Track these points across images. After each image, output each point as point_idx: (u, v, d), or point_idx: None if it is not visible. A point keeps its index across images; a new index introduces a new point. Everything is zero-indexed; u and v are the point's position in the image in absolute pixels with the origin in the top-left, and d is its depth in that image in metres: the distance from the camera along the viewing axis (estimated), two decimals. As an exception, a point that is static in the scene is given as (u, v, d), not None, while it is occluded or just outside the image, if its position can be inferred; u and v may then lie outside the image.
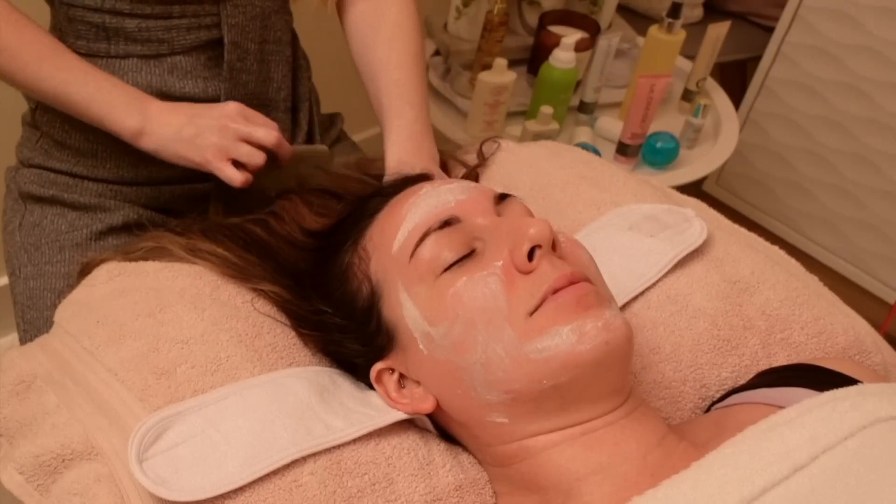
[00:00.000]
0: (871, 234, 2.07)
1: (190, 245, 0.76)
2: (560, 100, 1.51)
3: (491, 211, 0.67)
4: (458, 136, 1.53)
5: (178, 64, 0.90)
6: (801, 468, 0.52)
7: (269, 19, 0.95)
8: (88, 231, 0.94)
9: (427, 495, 0.63)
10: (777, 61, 2.05)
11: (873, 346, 0.79)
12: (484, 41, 1.54)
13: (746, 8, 2.14)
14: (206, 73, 0.92)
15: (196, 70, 0.91)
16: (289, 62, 1.01)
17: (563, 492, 0.61)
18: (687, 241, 0.80)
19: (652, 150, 1.54)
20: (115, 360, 0.66)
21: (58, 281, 0.92)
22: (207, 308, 0.70)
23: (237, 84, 0.94)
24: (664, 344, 0.76)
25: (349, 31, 0.99)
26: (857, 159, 2.01)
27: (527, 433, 0.62)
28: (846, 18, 1.90)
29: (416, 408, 0.65)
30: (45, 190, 0.95)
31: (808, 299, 0.79)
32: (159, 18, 0.87)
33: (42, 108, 0.94)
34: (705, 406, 0.75)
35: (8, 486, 0.63)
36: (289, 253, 0.77)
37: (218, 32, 0.91)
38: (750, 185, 2.25)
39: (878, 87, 1.91)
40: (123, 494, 0.59)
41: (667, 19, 1.57)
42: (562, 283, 0.60)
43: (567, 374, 0.59)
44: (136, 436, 0.59)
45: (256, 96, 0.84)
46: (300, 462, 0.60)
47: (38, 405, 0.66)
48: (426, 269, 0.63)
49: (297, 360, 0.70)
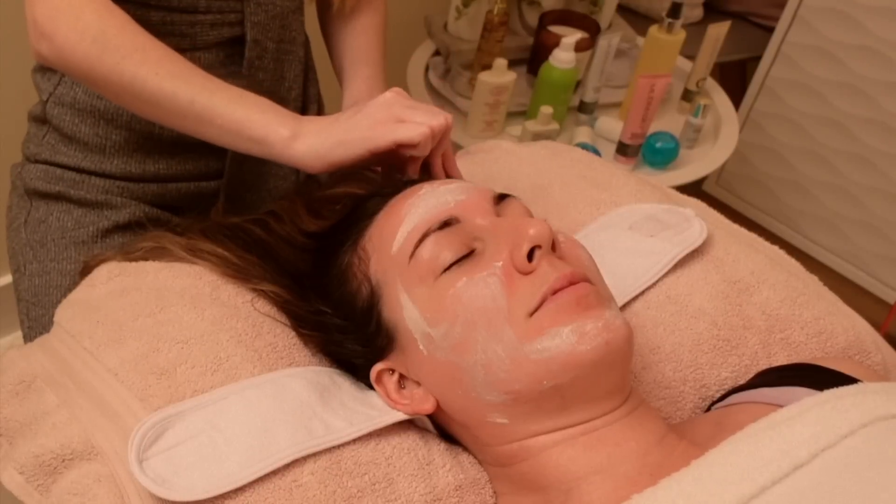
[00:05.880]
0: (871, 234, 2.07)
1: (190, 245, 0.76)
2: (560, 100, 1.52)
3: (490, 211, 0.67)
4: (458, 136, 1.53)
5: (198, 59, 0.90)
6: (802, 466, 0.52)
7: (287, 19, 0.96)
8: (94, 228, 0.94)
9: (427, 495, 0.63)
10: (777, 61, 2.05)
11: (873, 346, 0.79)
12: (484, 41, 1.54)
13: (746, 8, 2.14)
14: (223, 70, 0.92)
15: (214, 67, 0.91)
16: (301, 62, 1.02)
17: (563, 491, 0.61)
18: (687, 241, 0.80)
19: (652, 150, 1.55)
20: (116, 360, 0.66)
21: (63, 278, 0.92)
22: (207, 308, 0.70)
23: (253, 82, 0.94)
24: (664, 344, 0.76)
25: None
26: (857, 159, 2.01)
27: (527, 433, 0.62)
28: (846, 18, 1.90)
29: (416, 408, 0.65)
30: (51, 186, 0.95)
31: (808, 299, 0.79)
32: (184, 12, 0.87)
33: (54, 101, 0.94)
34: (705, 406, 0.75)
35: (8, 486, 0.63)
36: (289, 253, 0.77)
37: (240, 30, 0.92)
38: (750, 185, 2.25)
39: (878, 87, 1.91)
40: (123, 494, 0.59)
41: (667, 19, 1.57)
42: (562, 283, 0.60)
43: (567, 374, 0.59)
44: (136, 436, 0.59)
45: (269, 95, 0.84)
46: (300, 462, 0.60)
47: (38, 405, 0.66)
48: (426, 270, 0.63)
49: (297, 360, 0.70)
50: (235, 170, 0.98)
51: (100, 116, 0.92)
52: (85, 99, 0.92)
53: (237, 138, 0.79)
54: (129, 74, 0.77)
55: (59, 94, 0.93)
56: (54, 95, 0.94)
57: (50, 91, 0.94)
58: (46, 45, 0.79)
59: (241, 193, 1.00)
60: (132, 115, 0.92)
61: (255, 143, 0.78)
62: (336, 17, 1.04)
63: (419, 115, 0.74)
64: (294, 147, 0.77)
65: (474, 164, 0.96)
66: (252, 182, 1.00)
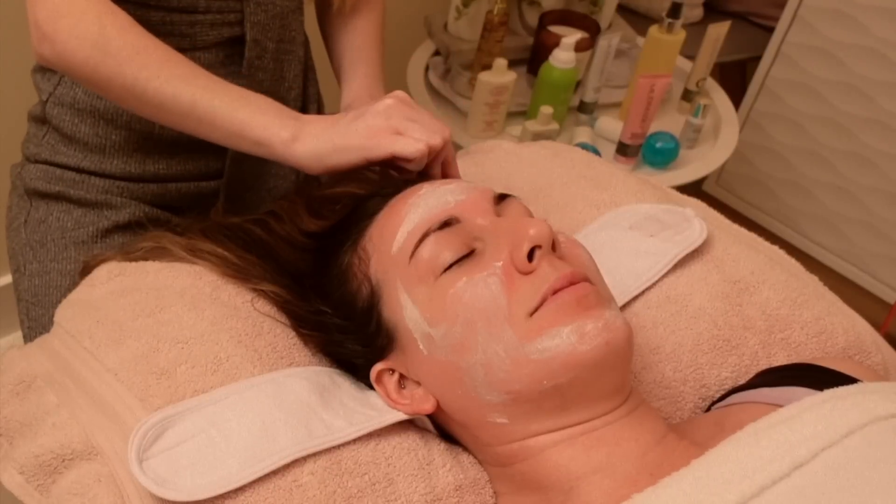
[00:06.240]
0: (871, 234, 2.07)
1: (190, 245, 0.76)
2: (560, 100, 1.52)
3: (490, 211, 0.67)
4: (458, 137, 1.53)
5: (198, 59, 0.90)
6: (801, 466, 0.52)
7: (286, 19, 0.96)
8: (94, 228, 0.94)
9: (427, 495, 0.63)
10: (777, 61, 2.05)
11: (873, 346, 0.79)
12: (484, 41, 1.54)
13: (746, 8, 2.14)
14: (223, 70, 0.92)
15: (214, 67, 0.91)
16: (301, 62, 1.02)
17: (563, 491, 0.61)
18: (687, 241, 0.80)
19: (652, 150, 1.55)
20: (116, 360, 0.66)
21: (63, 278, 0.92)
22: (207, 308, 0.70)
23: (253, 82, 0.94)
24: (664, 344, 0.76)
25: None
26: (857, 159, 2.02)
27: (527, 433, 0.62)
28: (846, 18, 1.90)
29: (416, 408, 0.65)
30: (51, 186, 0.95)
31: (808, 299, 0.79)
32: (184, 13, 0.88)
33: (54, 101, 0.94)
34: (705, 406, 0.75)
35: (8, 486, 0.63)
36: (289, 253, 0.77)
37: (240, 29, 0.92)
38: (750, 185, 2.25)
39: (878, 87, 1.91)
40: (123, 494, 0.59)
41: (667, 19, 1.57)
42: (562, 283, 0.60)
43: (567, 374, 0.59)
44: (136, 436, 0.59)
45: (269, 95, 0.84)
46: (300, 462, 0.60)
47: (38, 405, 0.66)
48: (426, 270, 0.63)
49: (297, 360, 0.70)
50: (235, 170, 0.98)
51: (99, 116, 0.92)
52: (85, 99, 0.92)
53: (239, 140, 0.79)
54: (130, 78, 0.77)
55: (59, 94, 0.93)
56: (54, 95, 0.94)
57: (50, 91, 0.94)
58: (48, 47, 0.79)
59: (241, 193, 1.00)
60: (132, 115, 0.92)
61: (256, 144, 0.79)
62: (335, 17, 1.04)
63: (417, 131, 0.75)
64: (294, 149, 0.77)
65: (474, 164, 0.96)
66: (252, 182, 1.00)
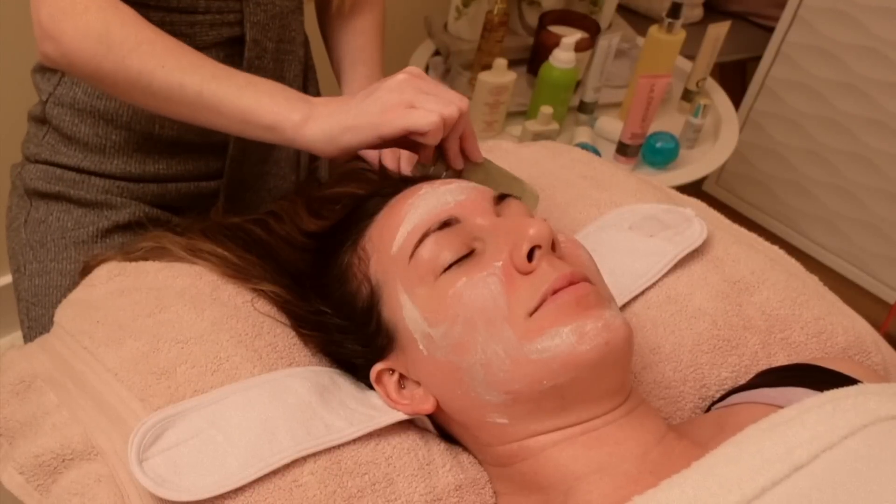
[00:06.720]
0: (871, 234, 2.07)
1: (190, 245, 0.76)
2: (560, 100, 1.52)
3: (490, 211, 0.67)
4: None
5: None
6: (802, 467, 0.52)
7: (286, 19, 0.96)
8: (94, 228, 0.94)
9: (427, 495, 0.63)
10: (777, 61, 2.05)
11: (873, 346, 0.79)
12: (484, 41, 1.54)
13: (746, 8, 2.14)
14: None
15: None
16: (301, 62, 1.02)
17: (563, 491, 0.61)
18: (687, 241, 0.80)
19: (652, 150, 1.55)
20: (116, 360, 0.66)
21: (63, 278, 0.92)
22: (207, 308, 0.70)
23: None
24: (664, 344, 0.76)
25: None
26: (857, 159, 2.02)
27: (527, 433, 0.62)
28: (846, 18, 1.90)
29: (416, 408, 0.65)
30: (51, 186, 0.95)
31: (808, 299, 0.79)
32: (184, 13, 0.87)
33: (54, 101, 0.94)
34: (705, 406, 0.75)
35: (8, 486, 0.63)
36: (289, 253, 0.77)
37: (239, 30, 0.92)
38: (750, 185, 2.25)
39: (878, 87, 1.91)
40: (123, 494, 0.59)
41: (667, 19, 1.57)
42: (562, 283, 0.60)
43: (567, 374, 0.59)
44: (137, 436, 0.59)
45: None
46: (300, 462, 0.60)
47: (38, 405, 0.66)
48: (426, 270, 0.63)
49: (297, 360, 0.70)
50: (235, 170, 0.98)
51: (99, 116, 0.92)
52: (84, 99, 0.92)
53: (248, 126, 0.77)
54: (135, 69, 0.77)
55: (59, 94, 0.93)
56: (54, 95, 0.94)
57: (49, 91, 0.94)
58: (52, 45, 0.79)
59: (241, 193, 1.00)
60: (132, 115, 0.92)
61: (266, 129, 0.77)
62: (335, 17, 1.04)
63: (431, 103, 0.72)
64: (305, 131, 0.75)
65: (474, 164, 0.96)
66: (252, 182, 1.00)
